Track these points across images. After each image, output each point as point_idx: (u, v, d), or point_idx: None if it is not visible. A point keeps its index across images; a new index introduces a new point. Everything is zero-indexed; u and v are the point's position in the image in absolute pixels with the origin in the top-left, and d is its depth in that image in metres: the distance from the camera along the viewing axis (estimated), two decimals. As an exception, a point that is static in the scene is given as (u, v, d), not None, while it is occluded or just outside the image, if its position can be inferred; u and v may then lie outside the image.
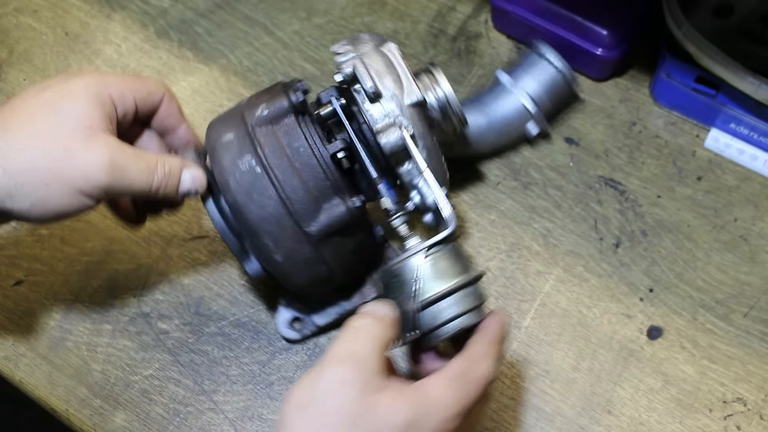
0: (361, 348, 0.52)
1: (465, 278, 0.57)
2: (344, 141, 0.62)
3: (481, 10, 0.90)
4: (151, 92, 0.63)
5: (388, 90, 0.61)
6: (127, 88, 0.61)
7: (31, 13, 0.90)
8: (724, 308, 0.73)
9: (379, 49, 0.63)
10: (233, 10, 0.90)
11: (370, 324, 0.54)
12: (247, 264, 0.64)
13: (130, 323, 0.73)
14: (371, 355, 0.52)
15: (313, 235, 0.60)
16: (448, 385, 0.52)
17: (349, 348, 0.52)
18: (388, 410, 0.50)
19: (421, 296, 0.56)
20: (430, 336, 0.57)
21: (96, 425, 0.68)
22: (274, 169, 0.59)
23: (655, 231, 0.77)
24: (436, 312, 0.56)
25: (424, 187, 0.62)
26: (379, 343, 0.53)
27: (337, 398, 0.50)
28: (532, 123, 0.78)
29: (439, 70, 0.67)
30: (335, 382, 0.50)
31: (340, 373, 0.50)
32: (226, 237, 0.63)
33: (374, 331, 0.53)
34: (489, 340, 0.55)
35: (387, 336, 0.54)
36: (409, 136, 0.61)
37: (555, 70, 0.78)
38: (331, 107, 0.63)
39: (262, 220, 0.59)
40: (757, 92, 0.74)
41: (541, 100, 0.78)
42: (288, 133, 0.61)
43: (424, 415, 0.50)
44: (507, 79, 0.78)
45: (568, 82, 0.78)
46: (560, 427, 0.69)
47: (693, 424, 0.69)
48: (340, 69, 0.62)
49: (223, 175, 0.60)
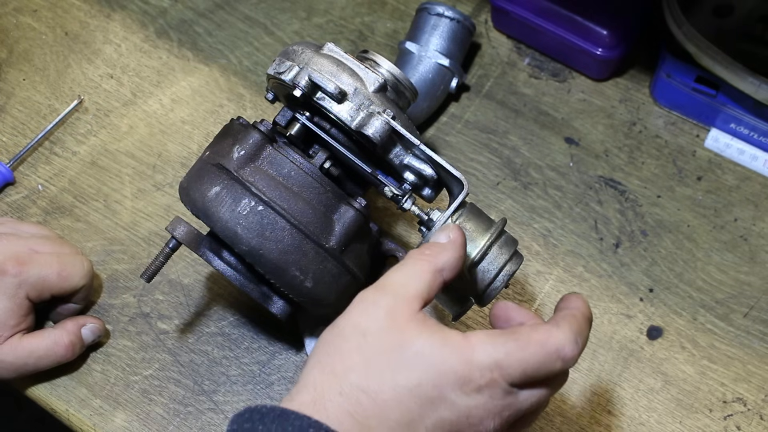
0: (399, 277, 0.51)
1: (496, 229, 0.59)
2: (325, 150, 0.62)
3: (481, 10, 0.90)
4: (70, 289, 0.68)
5: (349, 86, 0.61)
6: (46, 289, 0.66)
7: (31, 12, 0.90)
8: (724, 308, 0.73)
9: (321, 53, 0.63)
10: (233, 10, 0.90)
11: (418, 258, 0.53)
12: (273, 306, 0.63)
13: (130, 323, 0.73)
14: (407, 284, 0.51)
15: (335, 248, 0.60)
16: (493, 341, 0.48)
17: (387, 277, 0.52)
18: (406, 336, 0.48)
19: (466, 260, 0.58)
20: (486, 293, 0.59)
21: (96, 425, 0.68)
22: (276, 200, 0.58)
23: (655, 231, 0.77)
24: (485, 269, 0.58)
25: (415, 163, 0.63)
26: (422, 277, 0.51)
27: (359, 315, 0.50)
28: (453, 78, 0.80)
29: (375, 53, 0.67)
30: (363, 301, 0.50)
31: (370, 294, 0.50)
32: (246, 288, 0.62)
33: (419, 265, 0.52)
34: (572, 314, 0.51)
35: (433, 271, 0.52)
36: (391, 118, 0.61)
37: (451, 21, 0.79)
38: (299, 124, 0.62)
39: (283, 253, 0.58)
40: (757, 92, 0.74)
41: (451, 53, 0.79)
42: (272, 163, 0.60)
43: (450, 359, 0.47)
44: (416, 47, 0.79)
45: (467, 26, 0.80)
46: (560, 427, 0.69)
47: (693, 424, 0.69)
48: (295, 84, 0.60)
49: (227, 229, 0.58)
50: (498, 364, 0.47)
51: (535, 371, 0.48)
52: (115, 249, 0.76)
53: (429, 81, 0.79)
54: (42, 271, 0.65)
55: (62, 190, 0.79)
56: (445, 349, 0.48)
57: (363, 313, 0.50)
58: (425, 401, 0.47)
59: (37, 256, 0.66)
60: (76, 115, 0.83)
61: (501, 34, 0.88)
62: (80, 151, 0.81)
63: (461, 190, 0.59)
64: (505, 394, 0.48)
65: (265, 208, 0.58)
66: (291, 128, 0.63)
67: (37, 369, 0.67)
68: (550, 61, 0.86)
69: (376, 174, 0.63)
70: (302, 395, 0.48)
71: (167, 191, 0.79)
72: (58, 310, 0.69)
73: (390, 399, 0.47)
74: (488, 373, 0.47)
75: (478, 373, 0.47)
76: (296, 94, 0.60)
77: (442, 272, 0.52)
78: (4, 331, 0.64)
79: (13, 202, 0.78)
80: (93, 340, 0.70)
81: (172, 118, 0.83)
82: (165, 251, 0.63)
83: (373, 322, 0.49)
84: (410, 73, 0.79)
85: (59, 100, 0.84)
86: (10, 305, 0.64)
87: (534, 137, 0.82)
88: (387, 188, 0.62)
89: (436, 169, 0.62)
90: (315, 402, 0.47)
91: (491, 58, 0.87)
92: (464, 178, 0.59)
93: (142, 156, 0.81)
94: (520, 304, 0.73)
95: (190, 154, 0.81)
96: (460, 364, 0.47)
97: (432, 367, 0.47)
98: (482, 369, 0.47)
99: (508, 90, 0.85)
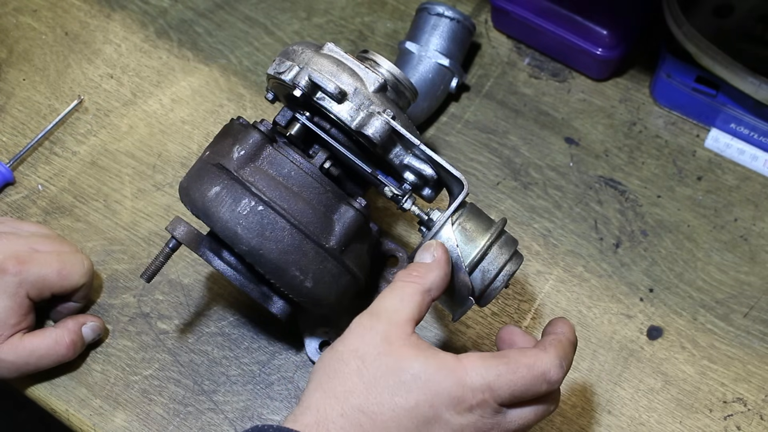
0: (390, 303, 0.54)
1: (496, 229, 0.59)
2: (325, 150, 0.62)
3: (481, 10, 0.90)
4: (71, 287, 0.68)
5: (349, 86, 0.61)
6: (47, 288, 0.66)
7: (31, 12, 0.90)
8: (724, 308, 0.73)
9: (321, 53, 0.63)
10: (233, 10, 0.90)
11: (406, 281, 0.56)
12: (273, 306, 0.63)
13: (130, 323, 0.73)
14: (399, 310, 0.54)
15: (335, 248, 0.60)
16: (484, 364, 0.52)
17: (380, 303, 0.55)
18: (403, 360, 0.51)
19: (466, 260, 0.58)
20: (486, 293, 0.59)
21: (96, 425, 0.68)
22: (276, 200, 0.58)
23: (655, 231, 0.77)
24: (485, 269, 0.58)
25: (415, 163, 0.62)
26: (411, 300, 0.54)
27: (356, 340, 0.53)
28: (453, 78, 0.80)
29: (375, 53, 0.67)
30: (359, 326, 0.54)
31: (366, 320, 0.54)
32: (246, 288, 0.62)
33: (408, 289, 0.55)
34: (558, 339, 0.55)
35: (422, 293, 0.55)
36: (391, 119, 0.60)
37: (451, 21, 0.79)
38: (299, 124, 0.62)
39: (283, 253, 0.58)
40: (757, 92, 0.74)
41: (451, 53, 0.79)
42: (272, 163, 0.60)
43: (445, 381, 0.51)
44: (416, 47, 0.79)
45: (467, 26, 0.80)
46: (560, 427, 0.69)
47: (693, 424, 0.69)
48: (295, 84, 0.60)
49: (227, 229, 0.58)
50: (489, 386, 0.51)
51: (522, 393, 0.52)
52: (115, 249, 0.76)
53: (429, 81, 0.79)
54: (42, 269, 0.65)
55: (62, 190, 0.79)
56: (440, 372, 0.51)
57: (360, 338, 0.53)
58: (422, 421, 0.50)
59: (37, 255, 0.66)
60: (76, 115, 0.83)
61: (501, 34, 0.88)
62: (80, 151, 0.81)
63: (461, 190, 0.59)
64: (495, 413, 0.52)
65: (265, 208, 0.58)
66: (291, 128, 0.63)
67: (39, 368, 0.67)
68: (550, 61, 0.86)
69: (376, 174, 0.63)
70: (305, 417, 0.51)
71: (167, 191, 0.79)
72: (59, 308, 0.69)
73: (389, 420, 0.50)
74: (480, 394, 0.51)
75: (470, 394, 0.51)
76: (296, 94, 0.60)
77: (430, 292, 0.56)
78: (5, 330, 0.64)
79: (13, 202, 0.78)
80: (93, 338, 0.70)
81: (172, 118, 0.83)
82: (165, 251, 0.63)
83: (370, 347, 0.52)
84: (410, 73, 0.79)
85: (59, 100, 0.84)
86: (10, 304, 0.64)
87: (534, 137, 0.82)
88: (387, 188, 0.62)
89: (436, 169, 0.62)
90: (318, 423, 0.50)
91: (491, 58, 0.87)
92: (464, 178, 0.59)
93: (142, 156, 0.81)
94: (520, 304, 0.74)
95: (190, 154, 0.81)
96: (454, 386, 0.51)
97: (429, 389, 0.51)
98: (474, 390, 0.51)
99: (508, 90, 0.85)
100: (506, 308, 0.74)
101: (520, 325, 0.73)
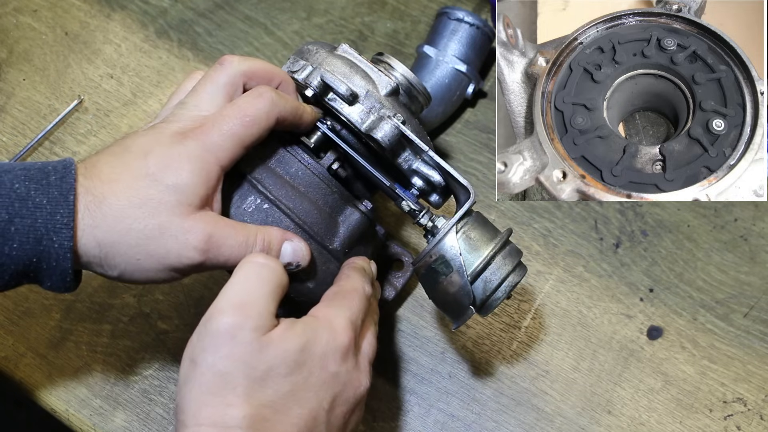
0: (248, 295, 0.52)
1: (501, 239, 0.59)
2: (334, 151, 0.62)
3: (481, 10, 0.90)
4: (262, 132, 0.57)
5: (361, 88, 0.61)
6: (237, 149, 0.56)
7: (31, 12, 0.90)
8: (724, 308, 0.73)
9: (334, 53, 0.62)
10: (233, 10, 0.90)
11: (259, 267, 0.53)
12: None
13: (130, 323, 0.73)
14: (259, 300, 0.52)
15: (338, 250, 0.60)
16: (328, 305, 0.57)
17: (236, 296, 0.52)
18: (280, 342, 0.51)
19: (468, 269, 0.58)
20: (487, 303, 0.59)
21: (96, 425, 0.68)
22: (282, 199, 0.58)
23: (655, 231, 0.77)
24: (487, 278, 0.58)
25: (424, 168, 0.62)
26: (269, 287, 0.53)
27: (227, 347, 0.50)
28: (470, 84, 0.80)
29: (389, 56, 0.66)
30: (222, 333, 0.51)
31: (226, 323, 0.51)
32: None
33: (264, 274, 0.53)
34: (349, 266, 0.60)
35: (277, 277, 0.54)
36: (401, 123, 0.60)
37: (471, 26, 0.79)
38: (319, 132, 0.61)
39: None
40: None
41: (469, 59, 0.79)
42: (280, 162, 0.60)
43: (313, 335, 0.53)
44: (434, 51, 0.79)
45: (486, 33, 0.80)
46: (560, 427, 0.69)
47: (693, 424, 0.69)
48: (307, 84, 0.60)
49: None
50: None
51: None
52: (115, 249, 0.76)
53: (445, 86, 0.78)
54: (229, 134, 0.56)
55: (62, 190, 0.79)
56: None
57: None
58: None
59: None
60: (76, 115, 0.83)
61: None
62: (80, 151, 0.81)
63: (467, 198, 0.59)
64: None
65: (270, 206, 0.58)
66: (311, 136, 0.62)
67: (214, 265, 0.55)
68: (550, 61, 0.86)
69: (394, 188, 0.62)
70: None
71: (167, 191, 0.79)
72: None
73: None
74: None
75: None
76: (308, 93, 0.60)
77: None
78: (191, 205, 0.54)
79: (13, 202, 0.78)
80: (290, 262, 0.57)
81: (172, 118, 0.83)
82: None
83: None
84: (427, 77, 0.78)
85: (59, 100, 0.84)
86: (196, 178, 0.54)
87: (534, 137, 0.82)
88: (404, 202, 0.62)
89: (444, 176, 0.62)
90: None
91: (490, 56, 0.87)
92: (471, 186, 0.59)
93: (142, 156, 0.81)
94: (520, 304, 0.74)
95: (190, 154, 0.81)
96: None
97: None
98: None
99: (508, 90, 0.85)
100: (506, 308, 0.74)
101: (520, 325, 0.73)
